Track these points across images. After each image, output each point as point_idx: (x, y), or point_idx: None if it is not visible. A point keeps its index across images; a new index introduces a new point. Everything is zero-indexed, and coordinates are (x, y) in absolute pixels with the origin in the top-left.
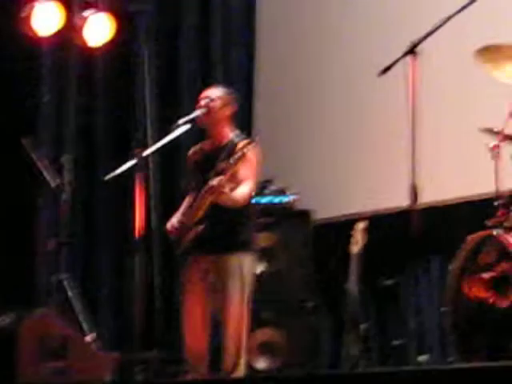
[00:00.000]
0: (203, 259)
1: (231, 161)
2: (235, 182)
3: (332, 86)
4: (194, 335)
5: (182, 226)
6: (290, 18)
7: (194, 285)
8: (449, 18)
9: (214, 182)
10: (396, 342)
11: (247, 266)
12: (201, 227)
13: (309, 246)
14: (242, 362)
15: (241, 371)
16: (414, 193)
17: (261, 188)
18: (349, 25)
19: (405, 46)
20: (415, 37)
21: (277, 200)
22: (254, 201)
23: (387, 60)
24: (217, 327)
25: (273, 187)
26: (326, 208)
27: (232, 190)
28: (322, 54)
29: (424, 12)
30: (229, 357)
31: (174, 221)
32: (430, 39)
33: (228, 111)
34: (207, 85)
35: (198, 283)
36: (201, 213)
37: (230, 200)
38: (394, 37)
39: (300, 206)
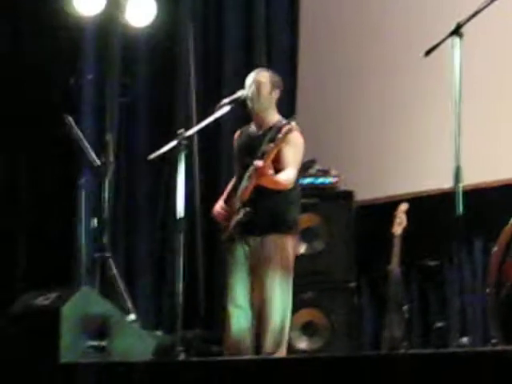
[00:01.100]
0: (247, 240)
1: (274, 143)
2: (281, 165)
3: (375, 68)
4: (238, 317)
5: (228, 210)
6: (331, 4)
7: (238, 266)
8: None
9: (259, 164)
10: (438, 324)
11: (291, 247)
12: (246, 209)
13: (351, 226)
14: (284, 342)
15: (283, 352)
16: (458, 174)
17: (304, 169)
18: (392, 5)
19: (447, 30)
20: (458, 19)
21: (320, 181)
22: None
23: (431, 42)
24: (260, 309)
25: (316, 168)
26: (369, 189)
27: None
28: (364, 36)
29: None
30: (271, 337)
31: (220, 204)
32: (474, 20)
33: (274, 95)
34: (251, 66)
35: (242, 264)
36: (246, 195)
37: (274, 182)
38: (436, 19)
39: (343, 187)
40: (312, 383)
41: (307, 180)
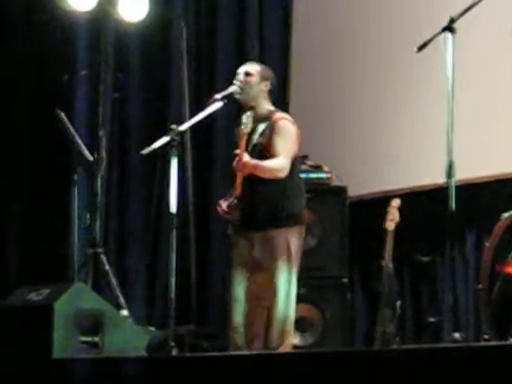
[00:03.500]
0: (249, 235)
1: (266, 133)
2: (271, 154)
3: (368, 62)
4: (238, 310)
5: (229, 207)
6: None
7: (239, 261)
8: None
9: (241, 157)
10: (431, 319)
11: (294, 240)
12: (239, 204)
13: (344, 222)
14: (290, 335)
15: (288, 345)
16: (451, 169)
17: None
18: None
19: (440, 25)
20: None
21: (313, 176)
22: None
23: (424, 37)
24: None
25: (309, 163)
26: (362, 184)
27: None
28: (357, 31)
29: None
30: (276, 330)
31: (221, 201)
32: (467, 15)
33: (265, 87)
34: (243, 61)
35: (243, 259)
36: (238, 189)
37: (262, 169)
38: (430, 14)
39: (336, 182)
40: (304, 379)
41: (301, 175)
